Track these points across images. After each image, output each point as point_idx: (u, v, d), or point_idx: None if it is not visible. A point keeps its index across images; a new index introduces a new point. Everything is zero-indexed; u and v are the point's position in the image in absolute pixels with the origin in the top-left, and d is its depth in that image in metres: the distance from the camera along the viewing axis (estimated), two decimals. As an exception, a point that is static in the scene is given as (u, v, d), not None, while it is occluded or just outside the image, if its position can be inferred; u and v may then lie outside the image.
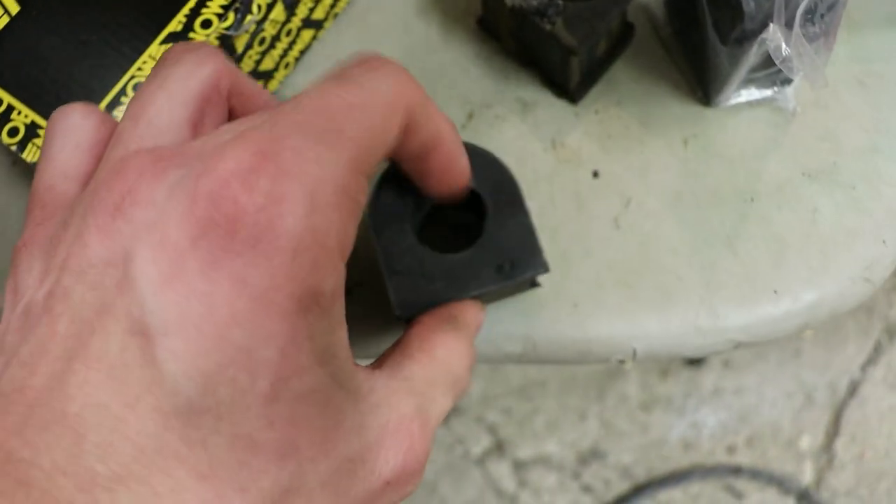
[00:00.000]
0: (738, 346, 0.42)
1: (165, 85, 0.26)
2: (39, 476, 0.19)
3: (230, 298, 0.20)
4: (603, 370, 1.12)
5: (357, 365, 0.26)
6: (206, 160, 0.21)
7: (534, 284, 0.40)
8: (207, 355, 0.20)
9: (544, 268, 0.35)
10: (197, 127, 0.27)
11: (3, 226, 0.44)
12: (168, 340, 0.20)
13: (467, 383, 0.31)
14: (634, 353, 0.41)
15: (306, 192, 0.21)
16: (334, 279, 0.22)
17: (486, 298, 0.40)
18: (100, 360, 0.20)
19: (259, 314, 0.20)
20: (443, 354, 0.30)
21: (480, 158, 0.36)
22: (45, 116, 0.37)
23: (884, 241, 0.42)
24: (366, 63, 0.25)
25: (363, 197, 0.24)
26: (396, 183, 0.36)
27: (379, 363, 0.29)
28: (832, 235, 0.42)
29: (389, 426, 0.26)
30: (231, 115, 0.29)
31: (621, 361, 0.42)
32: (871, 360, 1.12)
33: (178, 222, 0.20)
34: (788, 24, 0.35)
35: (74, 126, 0.27)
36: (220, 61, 0.28)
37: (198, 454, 0.20)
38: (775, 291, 0.41)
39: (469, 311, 0.33)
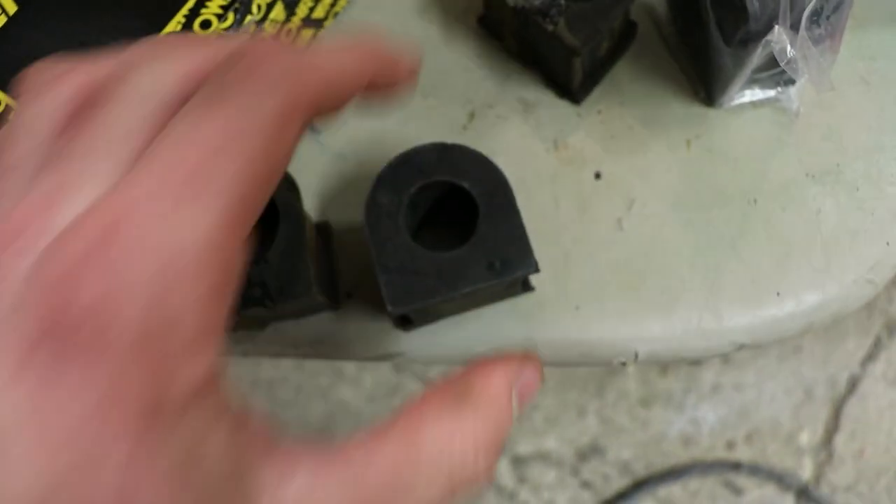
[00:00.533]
0: (741, 347, 0.41)
1: (21, 119, 0.23)
2: None
3: (69, 408, 0.18)
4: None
5: (273, 456, 0.22)
6: (51, 244, 0.19)
7: (527, 288, 0.40)
8: (47, 465, 0.18)
9: (534, 267, 0.36)
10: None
11: None
12: (7, 448, 0.18)
13: (478, 472, 0.24)
14: (636, 355, 0.41)
15: (151, 275, 0.18)
16: (194, 371, 0.19)
17: (479, 299, 0.40)
18: None
19: (100, 425, 0.18)
20: (431, 436, 0.23)
21: (473, 160, 0.37)
22: (43, 118, 0.37)
23: (887, 243, 0.42)
24: (243, 69, 0.21)
25: (238, 256, 0.20)
26: (391, 183, 0.37)
27: (338, 446, 0.23)
28: (835, 237, 0.42)
29: None
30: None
31: (623, 363, 0.41)
32: (871, 356, 1.12)
33: (19, 324, 0.18)
34: (794, 26, 0.35)
35: None
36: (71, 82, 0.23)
37: None
38: (778, 293, 0.41)
39: (494, 377, 0.25)
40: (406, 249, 0.36)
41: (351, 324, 0.41)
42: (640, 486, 1.09)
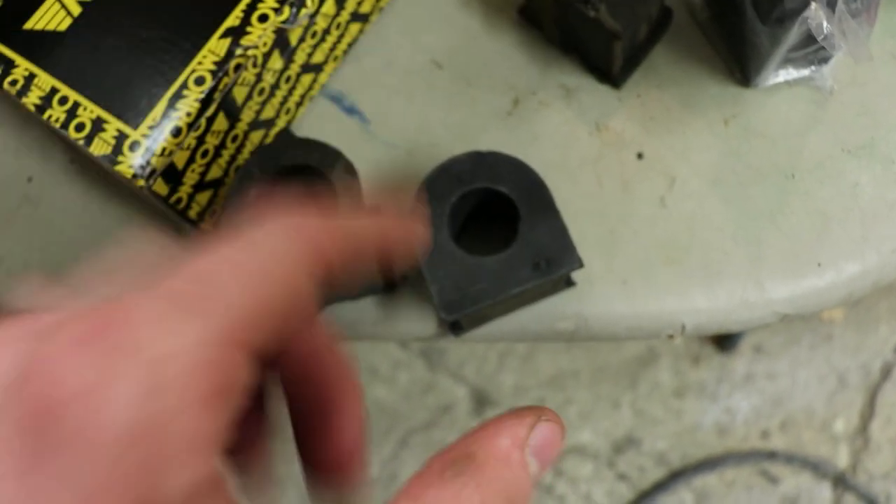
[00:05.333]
0: (784, 318, 0.43)
1: None
2: None
3: (55, 502, 0.17)
4: (635, 358, 1.13)
5: None
6: (45, 333, 0.19)
7: (569, 284, 0.42)
8: None
9: (579, 263, 0.37)
10: None
11: (62, 222, 0.46)
12: None
13: None
14: (683, 327, 0.42)
15: (145, 371, 0.18)
16: (186, 476, 0.18)
17: (525, 299, 0.41)
18: None
19: None
20: None
21: (509, 165, 0.39)
22: (111, 111, 0.38)
23: (925, 213, 0.43)
24: (263, 216, 0.23)
25: (240, 372, 0.20)
26: (432, 194, 0.38)
27: None
28: (873, 208, 0.43)
29: None
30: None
31: (670, 336, 0.43)
32: (904, 343, 1.13)
33: (6, 413, 0.18)
34: (830, 3, 0.36)
35: None
36: None
37: None
38: (819, 264, 0.42)
39: (500, 437, 0.22)
40: (453, 256, 0.38)
41: (406, 305, 0.43)
42: (676, 476, 1.09)
